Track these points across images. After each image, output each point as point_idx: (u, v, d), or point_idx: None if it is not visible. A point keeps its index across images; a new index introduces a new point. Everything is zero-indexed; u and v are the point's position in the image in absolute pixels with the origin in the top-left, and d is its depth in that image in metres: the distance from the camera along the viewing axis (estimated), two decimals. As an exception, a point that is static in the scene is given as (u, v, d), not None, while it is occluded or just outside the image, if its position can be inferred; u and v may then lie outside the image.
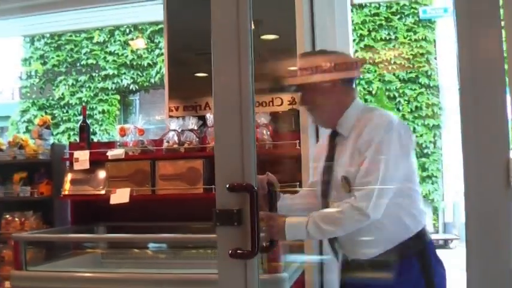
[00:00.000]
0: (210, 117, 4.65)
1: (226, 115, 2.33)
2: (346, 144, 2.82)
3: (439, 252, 2.83)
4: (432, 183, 12.08)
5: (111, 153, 4.57)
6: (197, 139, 4.59)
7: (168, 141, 4.51)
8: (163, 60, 12.78)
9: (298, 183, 3.82)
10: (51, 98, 14.20)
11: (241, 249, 2.18)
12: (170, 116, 5.00)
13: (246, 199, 2.20)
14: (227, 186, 2.20)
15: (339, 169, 2.80)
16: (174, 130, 4.64)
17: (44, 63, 14.78)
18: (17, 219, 5.03)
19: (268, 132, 4.40)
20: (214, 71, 2.41)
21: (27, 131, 13.83)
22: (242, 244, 2.19)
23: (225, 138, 2.30)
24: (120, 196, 4.40)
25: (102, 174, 4.67)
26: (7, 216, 5.06)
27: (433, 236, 11.46)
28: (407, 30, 12.55)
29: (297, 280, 3.77)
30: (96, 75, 14.25)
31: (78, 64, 14.55)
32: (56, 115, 14.22)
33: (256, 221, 2.19)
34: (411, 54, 12.37)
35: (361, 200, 2.63)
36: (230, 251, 2.18)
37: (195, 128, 4.66)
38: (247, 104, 2.31)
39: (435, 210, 12.10)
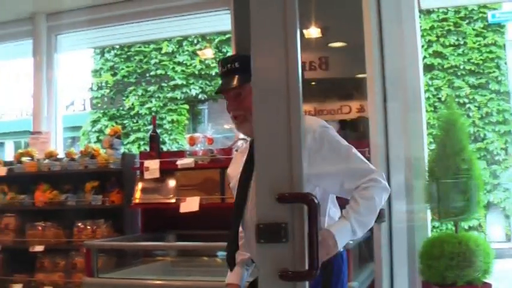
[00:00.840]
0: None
1: (271, 117, 1.97)
2: None
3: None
4: (503, 191, 11.75)
5: (181, 162, 4.61)
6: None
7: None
8: (230, 69, 12.87)
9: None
10: (121, 108, 14.42)
11: (290, 270, 1.81)
12: (237, 124, 5.01)
13: (295, 211, 1.85)
14: (276, 196, 1.83)
15: None
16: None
17: (114, 74, 15.04)
18: (88, 227, 5.11)
19: (337, 140, 4.36)
20: (254, 67, 2.01)
21: (98, 140, 14.09)
22: (290, 264, 1.82)
23: (270, 143, 1.94)
24: (190, 204, 4.43)
25: (172, 183, 4.72)
26: (79, 224, 5.15)
27: (505, 245, 11.11)
28: (476, 35, 12.25)
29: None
30: (165, 85, 14.42)
31: (147, 74, 14.75)
32: (126, 125, 14.44)
33: (315, 236, 1.84)
34: (480, 59, 12.09)
35: (376, 175, 2.69)
36: (279, 273, 1.80)
37: (263, 134, 4.66)
38: (296, 105, 2.02)
39: (507, 218, 11.76)
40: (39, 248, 5.18)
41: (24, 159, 5.55)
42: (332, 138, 2.75)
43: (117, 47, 14.45)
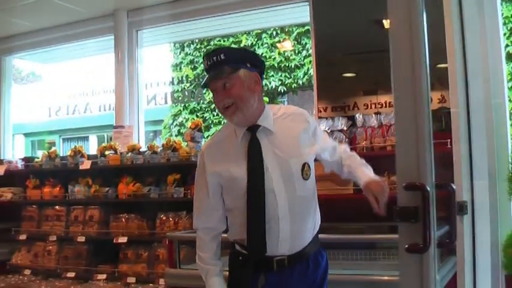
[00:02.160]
0: (359, 117, 4.60)
1: (404, 118, 2.45)
2: (279, 138, 2.93)
3: None
4: None
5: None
6: (347, 140, 4.56)
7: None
8: (310, 61, 12.82)
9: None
10: (201, 101, 14.57)
11: (419, 244, 2.28)
12: (319, 117, 5.00)
13: (418, 197, 2.30)
14: (403, 185, 2.31)
15: (294, 160, 2.89)
16: (324, 131, 4.65)
17: (194, 68, 15.19)
18: (171, 219, 5.18)
19: (418, 132, 4.30)
20: (394, 79, 2.49)
21: (180, 134, 14.27)
22: (419, 240, 2.28)
23: (403, 140, 2.43)
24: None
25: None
26: (162, 216, 5.23)
27: None
28: (560, 22, 11.82)
29: (449, 281, 3.65)
30: (245, 78, 14.47)
31: (227, 68, 14.83)
32: (206, 118, 14.58)
33: (428, 219, 2.28)
34: None
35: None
36: (407, 246, 2.29)
37: (345, 128, 4.64)
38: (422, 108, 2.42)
39: None
40: (122, 240, 5.29)
41: (107, 152, 5.67)
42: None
43: (197, 41, 14.59)
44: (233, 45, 14.73)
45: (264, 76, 3.27)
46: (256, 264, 2.86)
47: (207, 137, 13.91)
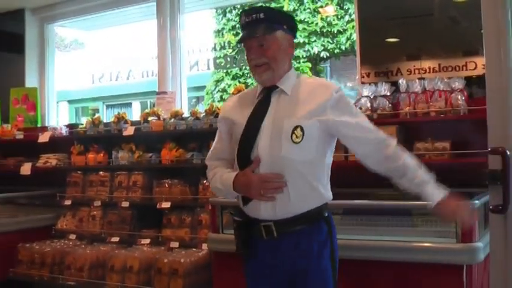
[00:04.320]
0: (402, 82, 4.54)
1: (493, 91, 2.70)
2: (290, 101, 2.94)
3: None
4: None
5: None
6: (390, 105, 4.51)
7: (360, 108, 4.47)
8: (353, 26, 12.68)
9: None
10: (243, 67, 14.58)
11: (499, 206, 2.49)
12: (362, 83, 4.96)
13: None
14: (488, 149, 2.54)
15: (287, 120, 2.86)
16: (367, 96, 4.60)
17: (236, 34, 15.15)
18: (213, 185, 5.19)
19: (463, 98, 4.24)
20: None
21: (222, 100, 14.30)
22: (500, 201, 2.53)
23: (492, 110, 2.68)
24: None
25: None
26: (204, 181, 5.25)
27: None
28: None
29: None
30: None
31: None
32: (249, 84, 14.56)
33: (505, 181, 2.48)
34: None
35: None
36: (491, 207, 2.55)
37: (388, 94, 4.59)
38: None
39: None
40: (166, 205, 5.34)
41: (150, 118, 5.70)
42: (347, 99, 3.02)
43: (239, 6, 14.53)
44: (275, 10, 14.65)
45: (306, 41, 3.32)
46: (248, 229, 2.99)
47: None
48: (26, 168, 6.38)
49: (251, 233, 2.97)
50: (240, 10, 14.88)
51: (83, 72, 17.50)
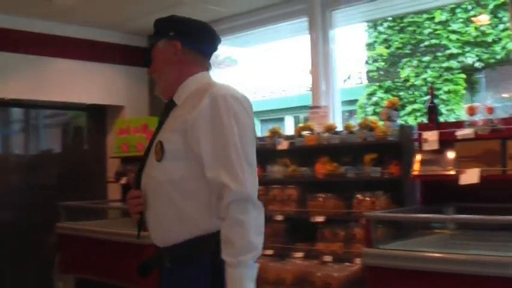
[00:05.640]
0: None
1: None
2: (175, 113, 2.64)
3: None
4: None
5: (461, 133, 4.48)
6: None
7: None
8: (509, 35, 12.20)
9: None
10: (396, 80, 14.38)
11: None
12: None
13: None
14: None
15: (159, 135, 2.62)
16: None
17: (388, 47, 15.01)
18: (368, 198, 5.15)
19: None
20: None
21: (375, 113, 14.18)
22: None
23: None
24: (470, 176, 4.29)
25: (450, 154, 4.61)
26: (358, 196, 5.21)
27: None
28: None
29: None
30: (440, 54, 14.08)
31: (421, 45, 14.51)
32: (401, 97, 14.35)
33: None
34: None
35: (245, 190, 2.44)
36: None
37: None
38: None
39: None
40: (319, 219, 5.34)
41: (304, 133, 5.74)
42: (228, 114, 2.49)
43: (390, 19, 14.40)
44: (427, 22, 14.38)
45: (460, 52, 3.01)
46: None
47: (403, 116, 13.73)
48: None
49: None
50: (391, 22, 14.77)
51: (237, 87, 17.96)
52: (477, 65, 13.84)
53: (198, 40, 2.82)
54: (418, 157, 4.75)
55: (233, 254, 2.34)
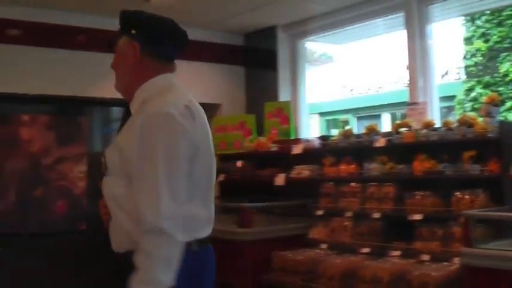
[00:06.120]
0: None
1: None
2: (128, 123, 2.58)
3: None
4: None
5: None
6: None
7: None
8: None
9: None
10: (495, 75, 14.00)
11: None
12: None
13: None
14: None
15: (107, 149, 2.61)
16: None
17: (486, 41, 14.62)
18: (466, 196, 5.05)
19: None
20: None
21: (473, 109, 13.86)
22: None
23: None
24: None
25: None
26: (457, 193, 5.12)
27: None
28: None
29: None
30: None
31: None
32: (501, 92, 13.95)
33: None
34: None
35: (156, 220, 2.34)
36: None
37: None
38: None
39: None
40: (417, 217, 5.27)
41: (401, 129, 5.68)
42: (157, 137, 2.41)
43: (488, 12, 14.02)
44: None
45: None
46: None
47: (502, 112, 13.35)
48: (280, 179, 6.67)
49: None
50: (489, 15, 14.39)
51: (332, 85, 17.89)
52: None
53: (160, 42, 2.70)
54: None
55: (136, 282, 2.33)
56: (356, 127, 17.06)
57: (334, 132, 6.62)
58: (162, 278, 2.32)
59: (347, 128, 6.57)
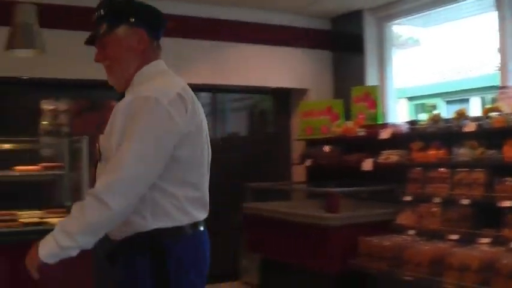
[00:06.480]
0: None
1: None
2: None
3: None
4: None
5: None
6: None
7: None
8: None
9: None
10: None
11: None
12: None
13: None
14: None
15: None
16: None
17: None
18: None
19: None
20: None
21: None
22: None
23: None
24: None
25: None
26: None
27: None
28: None
29: None
30: None
31: None
32: None
33: None
34: None
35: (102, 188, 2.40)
36: None
37: None
38: None
39: None
40: (507, 204, 5.16)
41: (492, 114, 5.56)
42: (139, 118, 2.44)
43: None
44: None
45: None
46: None
47: None
48: (367, 164, 6.64)
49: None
50: None
51: (420, 69, 17.57)
52: None
53: (156, 26, 2.75)
54: None
55: (60, 225, 2.44)
56: (445, 111, 16.74)
57: (423, 116, 6.51)
58: (79, 238, 2.40)
59: (435, 112, 6.45)
